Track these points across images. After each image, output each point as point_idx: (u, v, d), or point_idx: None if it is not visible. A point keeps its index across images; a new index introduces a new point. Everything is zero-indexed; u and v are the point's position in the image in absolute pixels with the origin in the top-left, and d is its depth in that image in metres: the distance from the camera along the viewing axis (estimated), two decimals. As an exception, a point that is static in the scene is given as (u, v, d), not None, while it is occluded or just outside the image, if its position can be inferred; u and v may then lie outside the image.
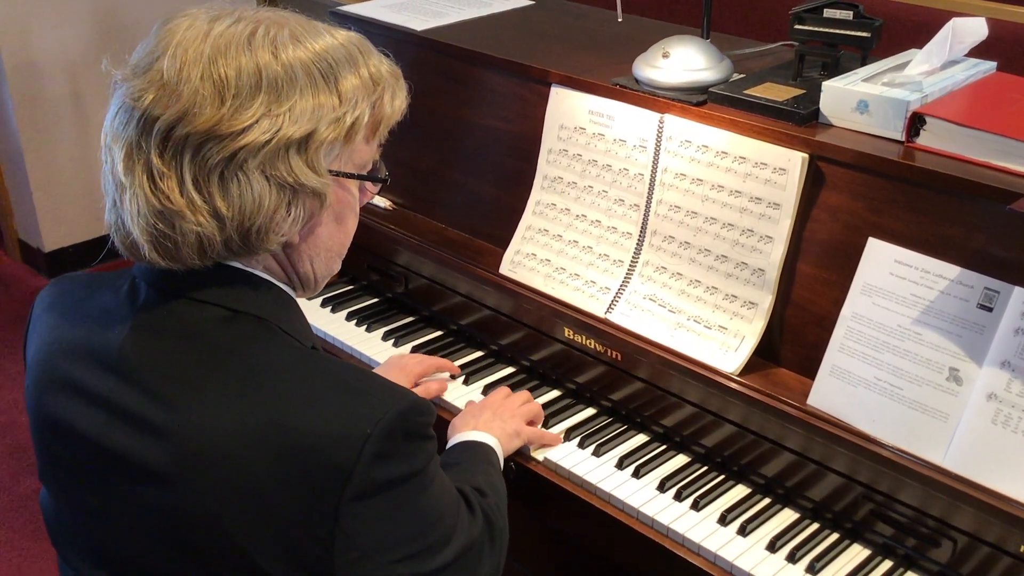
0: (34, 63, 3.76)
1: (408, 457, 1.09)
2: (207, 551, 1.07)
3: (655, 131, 1.70)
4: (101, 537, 1.15)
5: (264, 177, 1.07)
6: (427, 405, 1.13)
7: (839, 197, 1.53)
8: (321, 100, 1.09)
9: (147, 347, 1.12)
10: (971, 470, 1.35)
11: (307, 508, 1.04)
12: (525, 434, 1.63)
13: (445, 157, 2.04)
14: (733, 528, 1.50)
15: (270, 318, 1.14)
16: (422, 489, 1.12)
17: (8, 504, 2.86)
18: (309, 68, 1.09)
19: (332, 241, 1.20)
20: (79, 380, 1.14)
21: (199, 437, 1.06)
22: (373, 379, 1.13)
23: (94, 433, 1.12)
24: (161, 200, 1.06)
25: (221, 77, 1.05)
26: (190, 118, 1.04)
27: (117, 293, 1.18)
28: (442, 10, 2.21)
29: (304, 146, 1.08)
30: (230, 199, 1.06)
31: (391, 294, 2.08)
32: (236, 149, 1.05)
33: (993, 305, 1.37)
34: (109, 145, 1.10)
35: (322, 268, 1.22)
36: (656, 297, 1.69)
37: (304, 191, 1.10)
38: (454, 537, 1.18)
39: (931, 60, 1.58)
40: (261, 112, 1.06)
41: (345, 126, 1.11)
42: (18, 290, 3.96)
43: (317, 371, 1.10)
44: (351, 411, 1.06)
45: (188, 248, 1.08)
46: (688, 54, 1.71)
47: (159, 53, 1.08)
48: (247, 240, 1.09)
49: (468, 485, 1.34)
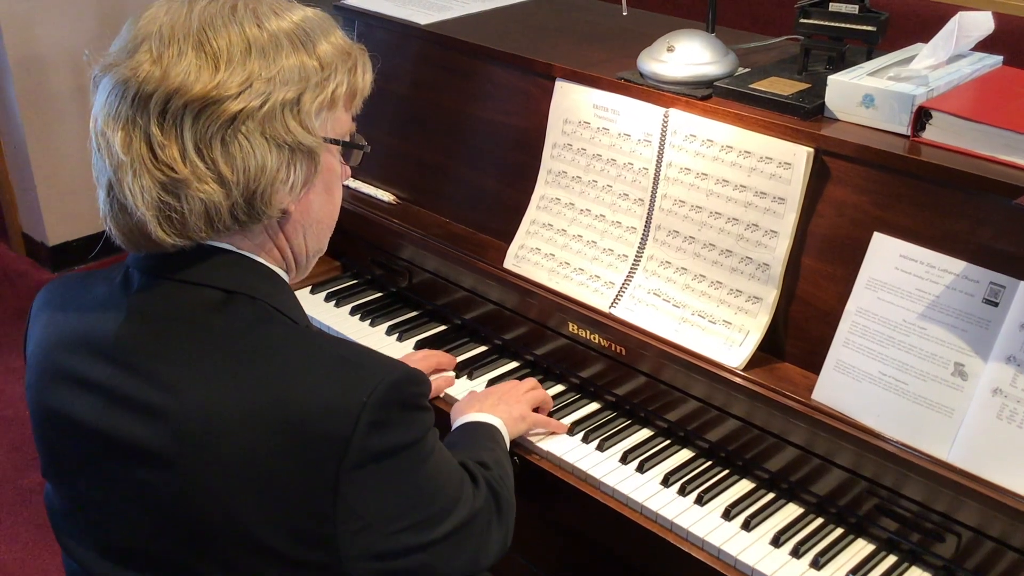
0: (38, 57, 3.76)
1: (405, 426, 1.11)
2: (210, 530, 1.08)
3: (660, 125, 1.70)
4: (105, 528, 1.16)
5: (264, 139, 1.10)
6: (421, 375, 1.16)
7: (844, 191, 1.53)
8: (304, 61, 1.14)
9: (142, 332, 1.13)
10: (976, 465, 1.35)
11: (307, 481, 1.06)
12: (531, 419, 1.63)
13: (449, 151, 2.04)
14: (737, 523, 1.50)
15: (264, 298, 1.16)
16: (421, 459, 1.15)
17: (12, 498, 2.86)
18: (290, 35, 1.14)
19: (323, 212, 1.24)
20: (77, 370, 1.15)
21: (198, 417, 1.07)
22: (367, 352, 1.15)
23: (93, 420, 1.13)
24: (164, 171, 1.08)
25: (213, 47, 1.09)
26: (187, 87, 1.07)
27: (111, 284, 1.19)
28: (446, 4, 2.20)
29: (296, 108, 1.12)
30: (233, 163, 1.09)
31: (395, 289, 2.08)
32: (235, 112, 1.08)
33: (998, 300, 1.37)
34: (101, 130, 1.13)
35: (313, 242, 1.25)
36: (660, 292, 1.69)
37: (301, 151, 1.14)
38: (457, 507, 1.20)
39: (937, 54, 1.57)
40: (255, 75, 1.09)
41: (328, 90, 1.16)
42: (22, 284, 3.96)
43: (311, 346, 1.13)
44: (346, 382, 1.08)
45: (195, 218, 1.10)
46: (693, 48, 1.71)
47: (143, 37, 1.11)
48: (252, 206, 1.12)
49: (472, 460, 1.36)
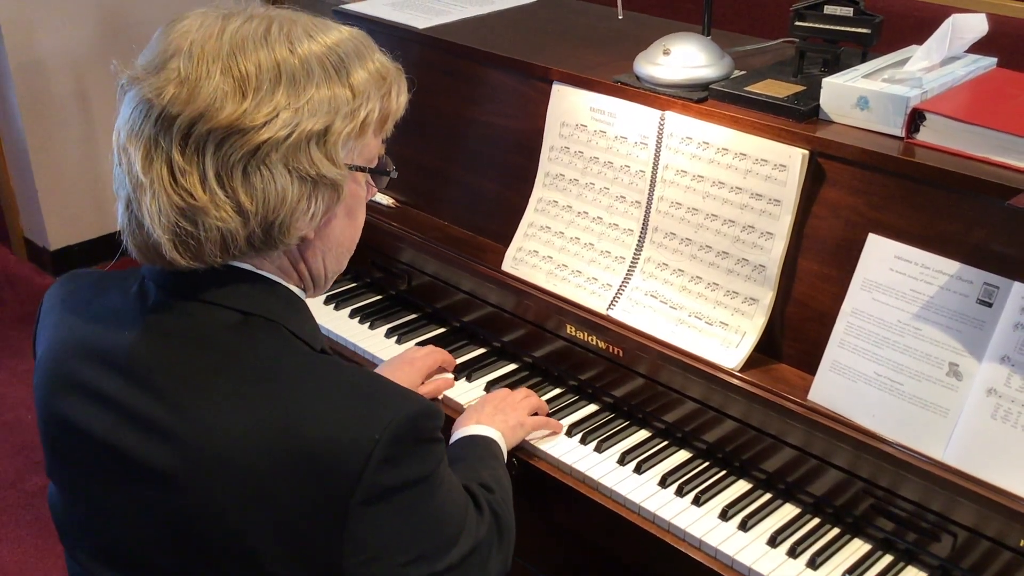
0: (39, 62, 3.77)
1: (417, 461, 1.09)
2: (214, 553, 1.07)
3: (656, 128, 1.70)
4: (109, 535, 1.15)
5: (287, 170, 1.07)
6: (435, 409, 1.13)
7: (839, 193, 1.53)
8: (336, 92, 1.10)
9: (156, 349, 1.11)
10: (971, 465, 1.36)
11: (316, 512, 1.04)
12: (529, 425, 1.64)
13: (447, 154, 2.05)
14: (734, 523, 1.50)
15: (280, 320, 1.14)
16: (431, 492, 1.12)
17: (15, 501, 2.87)
18: (323, 61, 1.10)
19: (343, 236, 1.21)
20: (88, 380, 1.14)
21: (208, 440, 1.06)
22: (382, 383, 1.13)
23: (102, 434, 1.12)
24: (183, 197, 1.05)
25: (241, 72, 1.05)
26: (212, 113, 1.04)
27: (126, 294, 1.17)
28: (444, 8, 2.21)
29: (323, 139, 1.09)
30: (254, 193, 1.06)
31: (394, 291, 2.09)
32: (259, 143, 1.05)
33: (993, 300, 1.38)
34: (123, 145, 1.08)
35: (333, 264, 1.22)
36: (657, 293, 1.69)
37: (324, 183, 1.10)
38: (463, 536, 1.19)
39: (931, 56, 1.58)
40: (282, 105, 1.06)
41: (359, 119, 1.12)
42: (24, 289, 3.97)
43: (326, 375, 1.10)
44: (360, 416, 1.06)
45: (211, 245, 1.08)
46: (689, 51, 1.72)
47: (172, 52, 1.07)
48: (269, 235, 1.09)
49: (474, 482, 1.35)
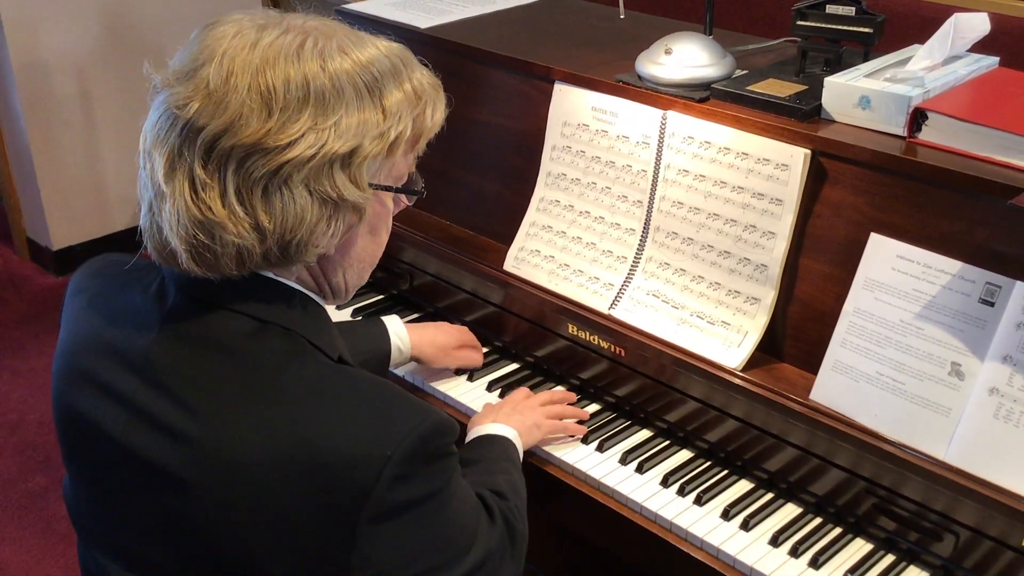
0: (42, 62, 3.78)
1: (428, 478, 1.09)
2: (222, 559, 1.07)
3: (658, 128, 1.70)
4: (119, 529, 1.16)
5: (308, 191, 1.06)
6: (450, 424, 1.11)
7: (841, 193, 1.53)
8: (366, 116, 1.08)
9: (173, 353, 1.11)
10: (973, 464, 1.36)
11: (325, 526, 1.04)
12: (546, 427, 1.63)
13: (449, 154, 2.05)
14: (736, 523, 1.50)
15: (299, 330, 1.13)
16: (442, 506, 1.12)
17: (18, 501, 2.87)
18: (355, 81, 1.08)
19: (365, 253, 1.20)
20: (103, 377, 1.14)
21: (221, 447, 1.05)
22: (398, 396, 1.11)
23: (115, 432, 1.12)
24: (202, 210, 1.04)
25: (269, 88, 1.04)
26: (236, 129, 1.03)
27: (145, 292, 1.17)
28: (446, 8, 2.21)
29: (348, 161, 1.07)
30: (272, 212, 1.05)
31: (396, 291, 2.09)
32: (282, 163, 1.04)
33: (995, 300, 1.37)
34: (148, 150, 1.08)
35: (354, 279, 1.21)
36: (659, 293, 1.69)
37: (345, 205, 1.09)
38: (474, 548, 1.18)
39: (933, 56, 1.58)
40: (307, 126, 1.04)
41: (388, 141, 1.10)
42: (26, 288, 3.97)
43: (341, 387, 1.10)
44: (373, 432, 1.05)
45: (227, 259, 1.07)
46: (691, 51, 1.72)
47: (204, 60, 1.06)
48: (286, 252, 1.09)
49: (488, 488, 1.33)
